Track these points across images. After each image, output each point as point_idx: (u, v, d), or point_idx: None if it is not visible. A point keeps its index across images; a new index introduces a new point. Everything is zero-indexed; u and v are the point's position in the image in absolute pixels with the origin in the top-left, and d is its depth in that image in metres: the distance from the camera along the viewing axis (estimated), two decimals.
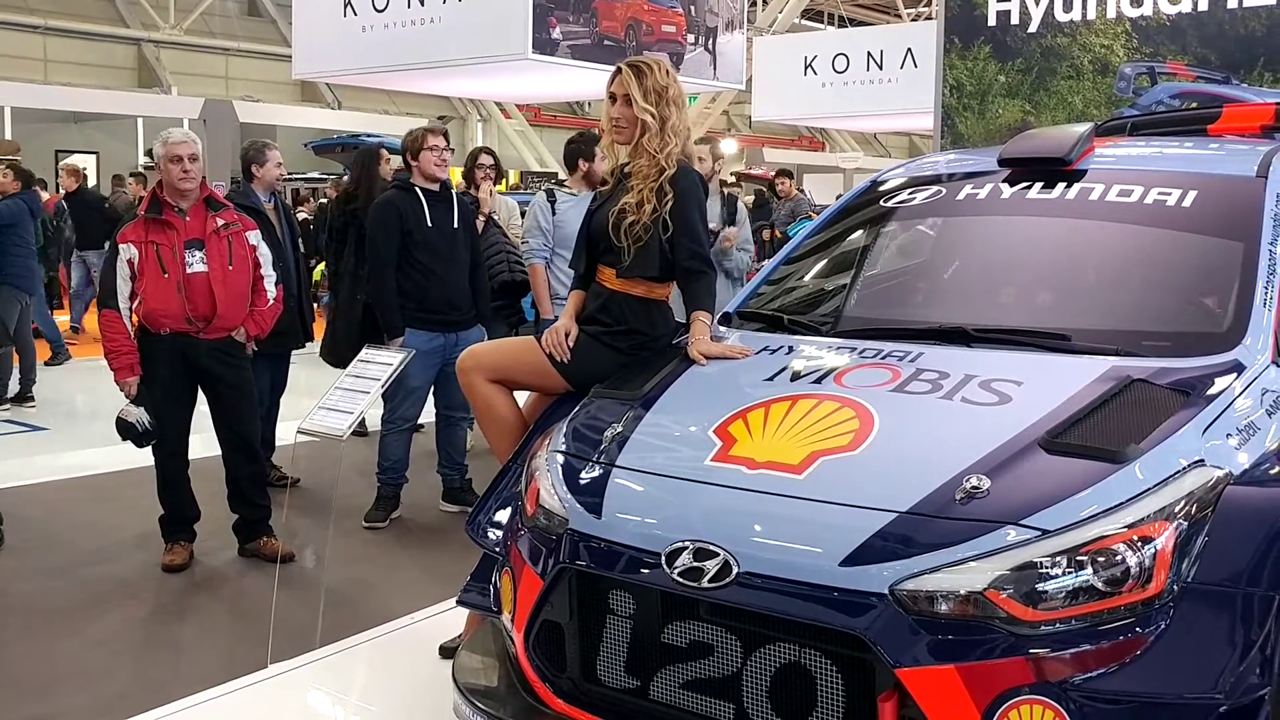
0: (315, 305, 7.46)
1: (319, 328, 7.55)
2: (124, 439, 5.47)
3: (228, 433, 5.70)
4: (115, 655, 4.55)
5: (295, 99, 28.29)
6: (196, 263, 5.40)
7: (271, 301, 5.70)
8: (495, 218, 7.52)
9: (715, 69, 14.39)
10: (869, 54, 18.52)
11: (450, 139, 6.61)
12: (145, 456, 5.68)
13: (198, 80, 27.26)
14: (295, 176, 19.86)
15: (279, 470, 6.71)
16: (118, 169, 19.93)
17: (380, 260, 6.22)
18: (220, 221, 5.51)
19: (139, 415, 5.37)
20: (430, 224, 6.20)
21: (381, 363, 4.71)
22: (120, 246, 5.38)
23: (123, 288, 5.36)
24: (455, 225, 6.30)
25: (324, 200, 17.73)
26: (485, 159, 8.02)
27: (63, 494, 6.92)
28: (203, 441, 5.96)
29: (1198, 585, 2.70)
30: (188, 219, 5.43)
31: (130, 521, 6.24)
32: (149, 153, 24.71)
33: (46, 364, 11.06)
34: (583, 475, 3.36)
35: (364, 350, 4.91)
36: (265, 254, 5.68)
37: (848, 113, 20.15)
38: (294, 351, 7.11)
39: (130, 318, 5.39)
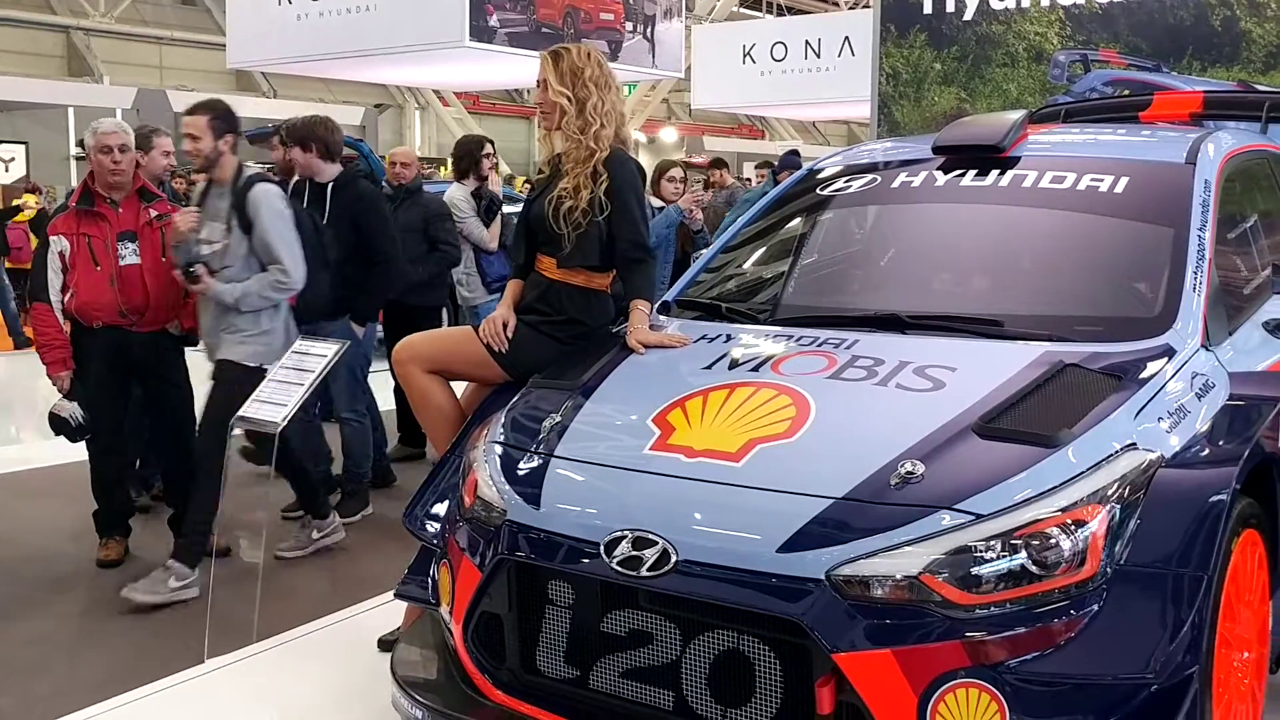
0: None
1: None
2: (57, 434, 5.38)
3: (165, 429, 5.62)
4: (48, 653, 4.47)
5: (230, 88, 27.91)
6: (129, 255, 5.31)
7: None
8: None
9: (654, 57, 14.40)
10: (807, 42, 18.59)
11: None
12: (78, 451, 5.58)
13: (130, 69, 26.82)
14: None
15: None
16: (48, 160, 19.54)
17: None
18: (153, 213, 5.43)
19: (72, 410, 5.28)
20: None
21: (316, 355, 4.65)
22: (51, 239, 5.29)
23: (54, 280, 5.26)
24: (325, 220, 5.97)
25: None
26: (489, 148, 7.91)
27: None
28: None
29: (1130, 567, 2.74)
30: (120, 210, 5.34)
31: (64, 517, 6.14)
32: (80, 143, 24.28)
33: None
34: (521, 466, 3.34)
35: (298, 342, 4.86)
36: None
37: (786, 101, 20.22)
38: None
39: (62, 311, 5.29)
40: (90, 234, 5.28)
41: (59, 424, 5.31)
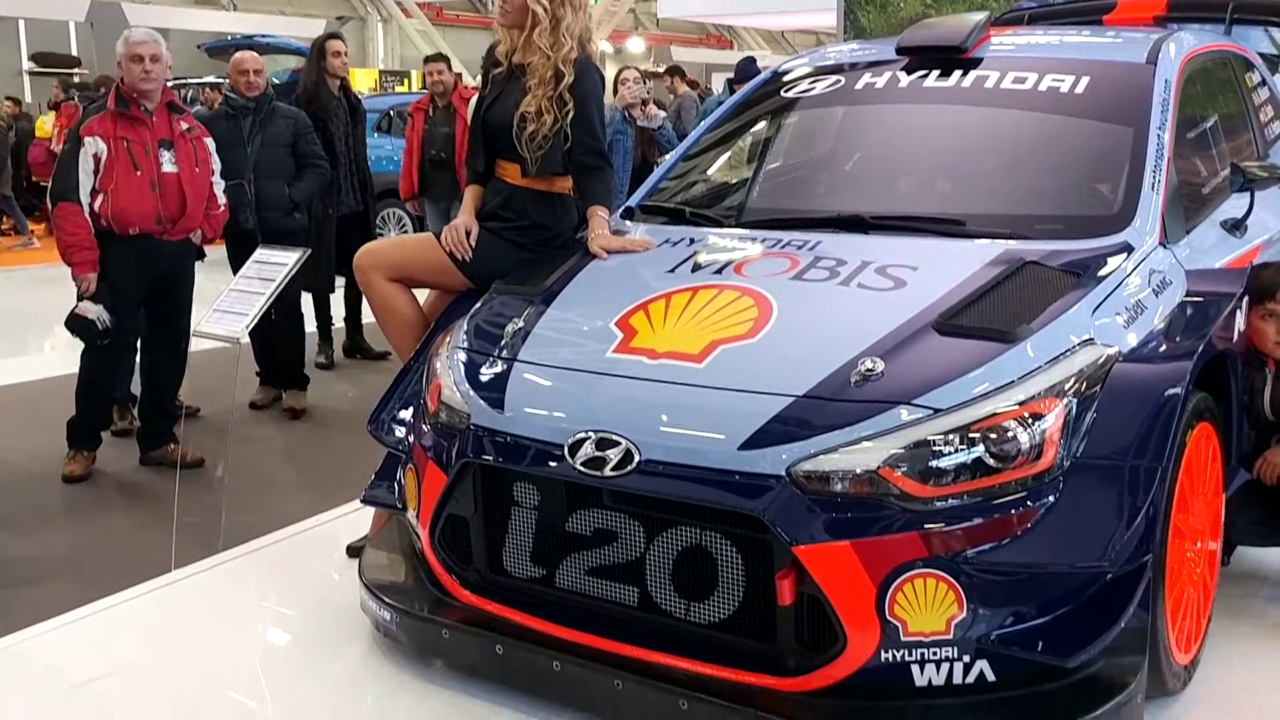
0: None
1: None
2: (75, 335, 5.27)
3: (165, 338, 5.56)
4: (13, 566, 4.46)
5: (189, 2, 27.31)
6: (167, 163, 5.31)
7: (222, 207, 5.65)
8: None
9: None
10: None
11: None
12: (31, 371, 5.51)
13: None
14: (190, 80, 19.20)
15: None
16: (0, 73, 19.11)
17: None
18: (184, 125, 5.45)
19: (99, 312, 5.14)
20: None
21: (276, 263, 4.61)
22: (85, 139, 5.16)
23: (85, 182, 5.15)
24: None
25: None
26: None
27: None
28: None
29: (1086, 459, 2.79)
30: (154, 119, 5.31)
31: (21, 435, 6.11)
32: (34, 57, 23.67)
33: None
34: (484, 371, 3.35)
35: (258, 251, 4.82)
36: (216, 162, 5.63)
37: (753, 10, 20.01)
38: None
39: (89, 213, 5.19)
40: (129, 138, 5.22)
41: (82, 325, 5.20)
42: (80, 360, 5.46)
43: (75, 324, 5.23)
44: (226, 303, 4.55)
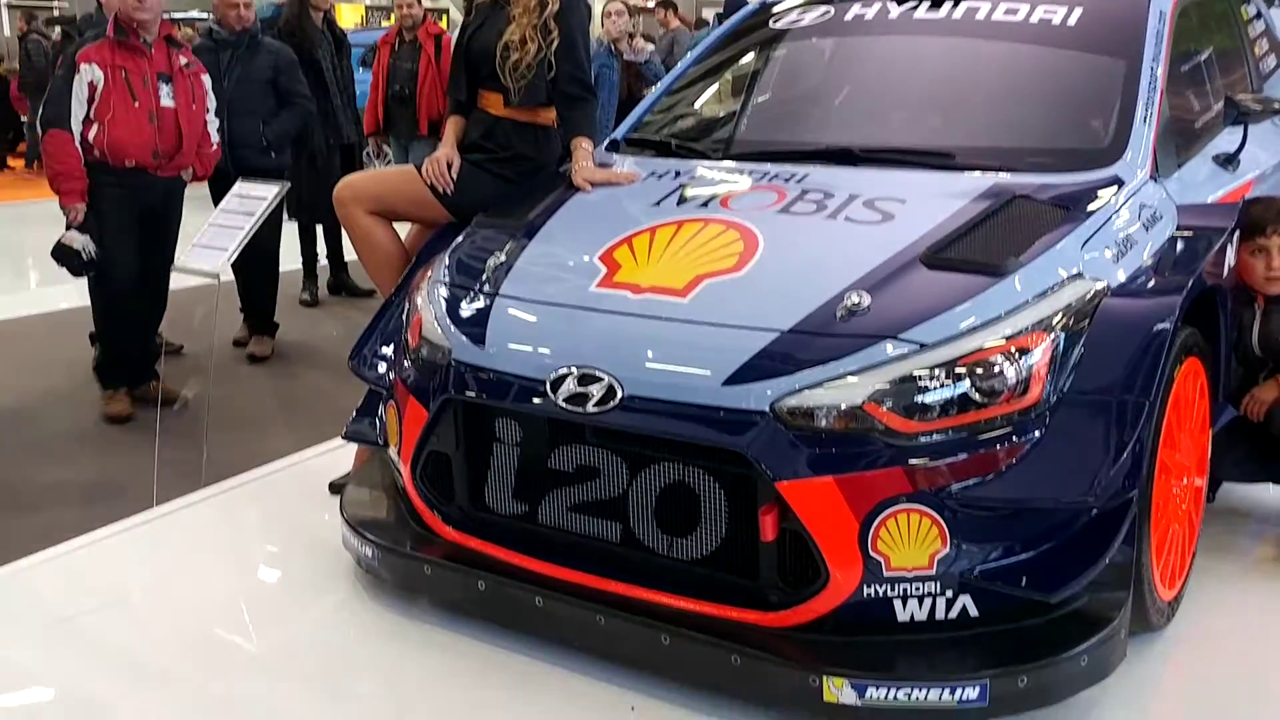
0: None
1: None
2: (61, 265, 5.17)
3: (149, 275, 5.50)
4: None
5: None
6: (165, 97, 5.22)
7: (215, 146, 5.56)
8: None
9: None
10: None
11: None
12: (17, 308, 5.45)
13: None
14: (174, 16, 18.93)
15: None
16: None
17: None
18: (183, 60, 5.35)
19: (85, 242, 5.04)
20: None
21: (256, 196, 4.54)
22: (81, 66, 5.04)
23: (77, 110, 5.03)
24: None
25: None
26: None
27: None
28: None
29: (1074, 394, 2.76)
30: (153, 51, 5.21)
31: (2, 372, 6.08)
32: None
33: None
34: (466, 306, 3.31)
35: (238, 184, 4.74)
36: (212, 99, 5.53)
37: None
38: None
39: (79, 143, 5.08)
40: (127, 68, 5.11)
41: (67, 255, 5.09)
42: (90, 298, 5.40)
43: (61, 253, 5.14)
44: (206, 238, 4.48)
